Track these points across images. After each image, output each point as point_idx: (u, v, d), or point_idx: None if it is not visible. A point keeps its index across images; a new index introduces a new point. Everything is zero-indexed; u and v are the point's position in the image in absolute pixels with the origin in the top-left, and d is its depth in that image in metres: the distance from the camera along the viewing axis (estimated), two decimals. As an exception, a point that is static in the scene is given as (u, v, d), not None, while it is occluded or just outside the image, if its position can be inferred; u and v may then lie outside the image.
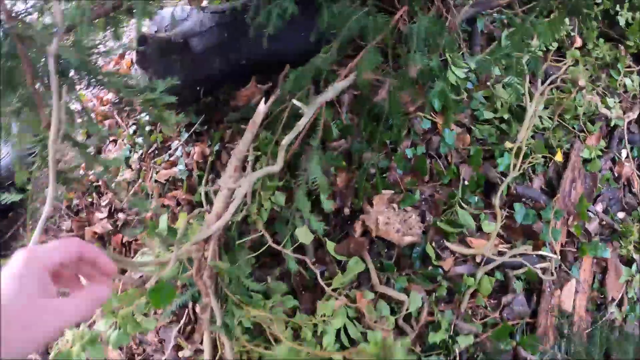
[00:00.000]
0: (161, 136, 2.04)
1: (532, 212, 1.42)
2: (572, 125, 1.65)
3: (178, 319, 1.67)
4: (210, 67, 1.70)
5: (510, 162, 1.40)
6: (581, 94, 1.65)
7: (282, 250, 1.35)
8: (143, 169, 2.02)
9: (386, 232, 1.34)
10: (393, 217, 1.37)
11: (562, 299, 1.46)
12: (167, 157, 1.99)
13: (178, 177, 1.90)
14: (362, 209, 1.41)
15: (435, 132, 1.51)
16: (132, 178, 2.09)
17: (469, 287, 1.36)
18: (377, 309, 1.34)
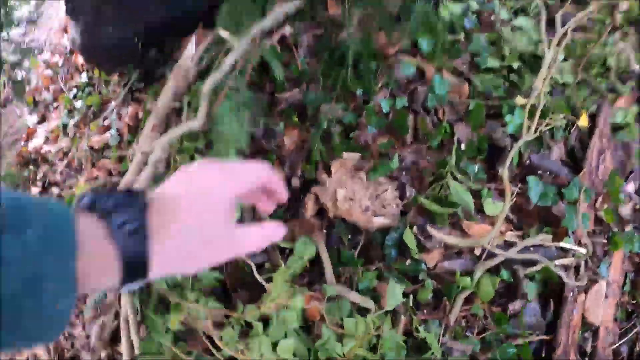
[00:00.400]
0: (99, 98, 1.53)
1: (552, 190, 0.92)
2: (599, 83, 1.13)
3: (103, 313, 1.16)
4: (148, 16, 1.25)
5: (523, 122, 0.89)
6: (610, 43, 1.13)
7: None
8: (77, 135, 1.52)
9: (348, 212, 0.84)
10: (360, 190, 0.86)
11: (588, 307, 0.96)
12: (102, 121, 1.48)
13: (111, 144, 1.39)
14: (316, 179, 0.89)
15: (422, 82, 1.00)
16: (68, 147, 1.58)
17: (463, 290, 0.87)
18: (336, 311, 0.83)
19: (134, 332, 0.96)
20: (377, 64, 1.04)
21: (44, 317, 0.28)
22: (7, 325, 0.26)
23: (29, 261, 0.26)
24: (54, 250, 0.28)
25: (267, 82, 1.09)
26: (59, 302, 0.28)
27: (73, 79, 1.81)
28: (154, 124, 1.03)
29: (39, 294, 0.27)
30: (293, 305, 0.83)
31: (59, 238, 0.28)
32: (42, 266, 0.27)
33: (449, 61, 1.08)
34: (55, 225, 0.28)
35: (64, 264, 0.28)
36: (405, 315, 0.88)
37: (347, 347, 0.79)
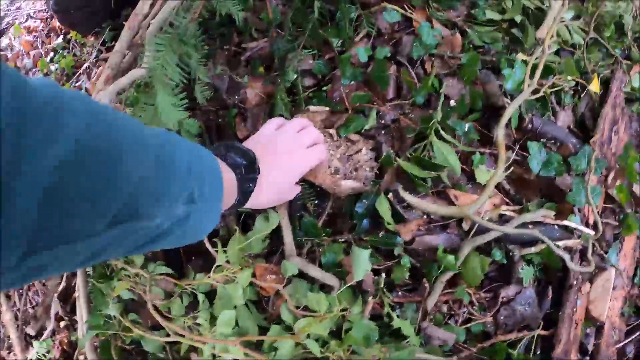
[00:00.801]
0: (72, 60, 1.41)
1: (557, 158, 0.77)
2: (613, 48, 0.98)
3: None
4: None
5: (525, 78, 0.74)
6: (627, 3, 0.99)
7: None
8: None
9: (313, 173, 0.69)
10: (328, 149, 0.71)
11: (593, 299, 0.80)
12: (74, 82, 1.36)
13: None
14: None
15: (409, 31, 0.85)
16: None
17: (446, 270, 0.71)
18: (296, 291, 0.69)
19: (83, 298, 0.82)
20: (358, 13, 0.90)
21: (200, 233, 0.47)
22: (181, 239, 0.42)
23: (205, 203, 0.41)
24: (215, 197, 0.44)
25: (235, 32, 0.95)
26: (210, 226, 0.46)
27: (51, 43, 1.71)
28: (107, 75, 0.89)
29: (204, 218, 0.43)
30: (240, 279, 0.69)
31: (217, 187, 0.45)
32: (209, 206, 0.43)
33: (441, 11, 0.94)
34: (215, 183, 0.44)
35: (218, 204, 0.45)
36: (375, 296, 0.73)
37: (302, 324, 0.64)
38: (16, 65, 1.87)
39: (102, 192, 0.27)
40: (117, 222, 0.29)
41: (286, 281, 0.73)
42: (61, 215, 0.25)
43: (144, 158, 0.31)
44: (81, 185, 0.25)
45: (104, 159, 0.27)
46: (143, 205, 0.31)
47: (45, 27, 1.78)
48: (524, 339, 0.79)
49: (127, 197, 0.29)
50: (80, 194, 0.25)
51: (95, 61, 1.39)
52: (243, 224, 0.81)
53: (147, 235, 0.35)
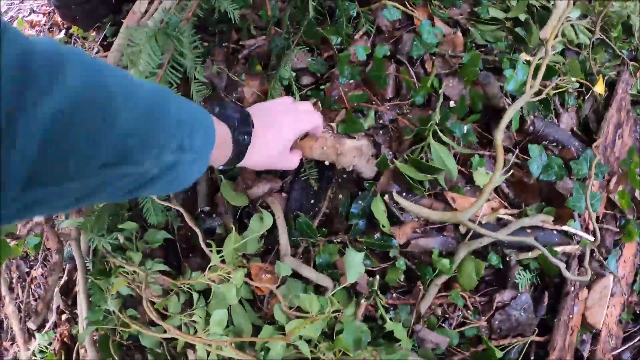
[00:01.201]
0: None
1: (558, 162, 0.75)
2: (620, 49, 0.96)
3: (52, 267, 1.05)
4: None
5: (527, 80, 0.73)
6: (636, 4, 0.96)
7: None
8: None
9: (310, 145, 0.69)
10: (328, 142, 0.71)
11: (590, 306, 0.80)
12: None
13: None
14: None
15: (410, 29, 0.83)
16: None
17: (440, 274, 0.71)
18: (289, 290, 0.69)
19: (82, 293, 0.84)
20: (358, 11, 0.89)
21: (188, 180, 0.45)
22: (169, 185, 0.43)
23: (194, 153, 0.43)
24: (205, 149, 0.45)
25: (234, 30, 0.94)
26: (198, 174, 0.46)
27: (53, 37, 1.71)
28: None
29: (194, 168, 0.44)
30: (234, 279, 0.69)
31: (209, 138, 0.46)
32: (199, 157, 0.44)
33: (443, 9, 0.92)
34: (207, 131, 0.46)
35: (207, 155, 0.46)
36: (368, 298, 0.73)
37: (293, 325, 0.64)
38: None
39: (94, 139, 0.30)
40: (108, 165, 0.32)
41: (281, 281, 0.73)
42: (57, 157, 0.28)
43: (135, 108, 0.34)
44: (76, 131, 0.29)
45: (97, 108, 0.30)
46: (132, 152, 0.34)
47: (48, 22, 1.79)
48: (518, 344, 0.78)
49: (118, 143, 0.32)
50: (75, 139, 0.29)
51: (97, 55, 1.38)
52: (240, 223, 0.82)
53: (137, 181, 0.37)
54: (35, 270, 1.04)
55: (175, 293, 0.76)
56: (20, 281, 1.08)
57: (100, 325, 0.80)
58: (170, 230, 0.84)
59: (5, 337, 1.08)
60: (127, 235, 0.78)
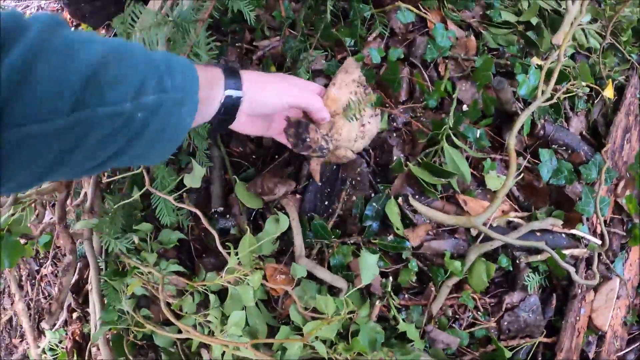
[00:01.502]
0: None
1: (568, 167, 0.77)
2: (629, 53, 0.97)
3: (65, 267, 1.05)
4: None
5: (539, 84, 0.74)
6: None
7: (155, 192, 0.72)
8: None
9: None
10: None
11: (596, 308, 0.81)
12: None
13: None
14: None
15: (423, 32, 0.84)
16: None
17: (451, 275, 0.72)
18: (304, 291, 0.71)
19: (95, 293, 0.84)
20: (371, 12, 0.89)
21: (179, 128, 0.43)
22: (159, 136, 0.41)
23: (177, 92, 0.41)
24: (189, 87, 0.43)
25: (247, 30, 0.95)
26: (188, 119, 0.44)
27: None
28: None
29: (181, 111, 0.43)
30: (251, 281, 0.70)
31: (191, 80, 0.44)
32: (183, 96, 0.42)
33: (456, 12, 0.93)
34: (189, 71, 0.44)
35: (193, 96, 0.44)
36: (382, 299, 0.75)
37: (310, 327, 0.65)
38: None
39: (56, 79, 0.33)
40: (80, 106, 0.34)
41: (296, 282, 0.75)
42: (25, 96, 0.31)
43: (94, 51, 0.35)
44: (38, 73, 0.32)
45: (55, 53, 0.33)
46: (105, 90, 0.35)
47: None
48: (526, 345, 0.80)
49: (80, 81, 0.34)
50: (38, 80, 0.32)
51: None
52: (254, 224, 0.83)
53: (124, 132, 0.37)
54: (45, 268, 1.05)
55: (190, 293, 0.77)
56: (30, 279, 1.08)
57: (114, 325, 0.81)
58: (183, 231, 0.85)
59: (14, 334, 1.09)
60: (141, 236, 0.78)
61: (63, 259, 1.09)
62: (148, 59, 0.40)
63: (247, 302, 0.68)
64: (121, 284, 0.76)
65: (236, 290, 0.70)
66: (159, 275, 0.72)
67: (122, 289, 0.76)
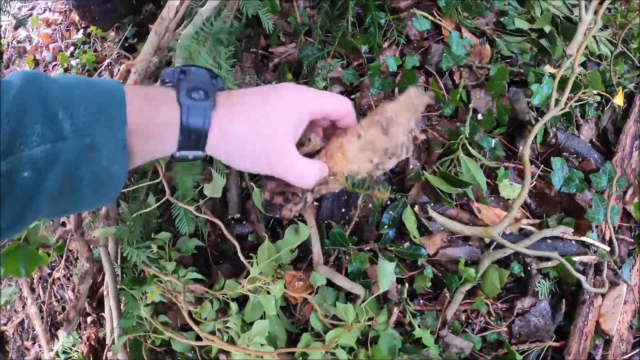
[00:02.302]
0: (93, 56, 1.42)
1: (579, 175, 0.79)
2: (639, 61, 1.00)
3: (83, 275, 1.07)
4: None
5: (552, 94, 0.76)
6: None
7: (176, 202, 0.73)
8: None
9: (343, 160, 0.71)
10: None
11: (603, 313, 0.85)
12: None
13: None
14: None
15: (438, 40, 0.86)
16: None
17: (465, 282, 0.75)
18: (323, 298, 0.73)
19: (112, 300, 0.86)
20: (387, 19, 0.91)
21: (100, 181, 0.32)
22: (69, 192, 0.31)
23: (83, 132, 0.30)
24: (103, 121, 0.31)
25: (262, 35, 0.96)
26: (112, 167, 0.32)
27: (70, 37, 1.70)
28: (135, 80, 0.91)
29: (95, 160, 0.31)
30: (273, 290, 0.72)
31: (109, 110, 0.31)
32: (95, 136, 0.31)
33: (470, 19, 0.94)
34: (104, 99, 0.31)
35: (114, 133, 0.31)
36: (398, 306, 0.78)
37: (332, 335, 0.68)
38: (35, 58, 1.86)
39: None
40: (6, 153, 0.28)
41: (314, 289, 0.77)
42: None
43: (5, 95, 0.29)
44: None
45: None
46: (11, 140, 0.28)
47: (65, 21, 1.76)
48: (536, 349, 0.84)
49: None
50: None
51: (117, 57, 1.38)
52: (271, 231, 0.85)
53: (15, 197, 0.29)
54: (57, 271, 1.06)
55: (209, 301, 0.79)
56: (42, 282, 1.09)
57: (133, 332, 0.83)
58: (200, 237, 0.87)
59: (26, 337, 1.11)
60: (159, 244, 0.80)
61: (76, 262, 1.11)
62: (46, 97, 0.30)
63: (269, 311, 0.70)
64: (139, 292, 0.78)
65: (257, 298, 0.72)
66: (179, 284, 0.74)
67: (141, 297, 0.78)
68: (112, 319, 0.86)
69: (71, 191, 0.31)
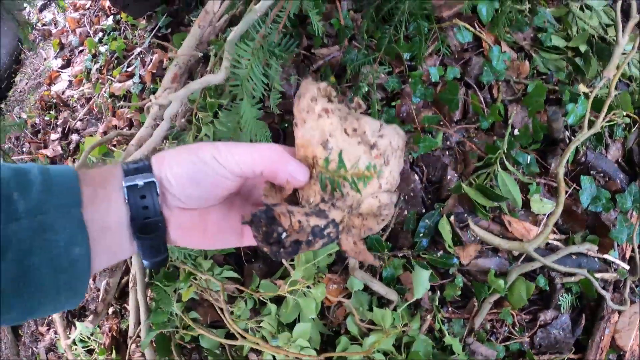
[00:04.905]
0: (123, 44, 1.43)
1: (606, 195, 0.86)
2: (665, 83, 1.07)
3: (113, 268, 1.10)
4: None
5: (586, 114, 0.82)
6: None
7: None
8: (100, 81, 1.43)
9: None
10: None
11: (619, 330, 0.92)
12: (125, 67, 1.38)
13: (133, 92, 1.32)
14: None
15: (479, 52, 0.92)
16: (91, 93, 1.50)
17: (493, 292, 0.81)
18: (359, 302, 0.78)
19: (140, 294, 0.89)
20: (430, 27, 0.95)
21: (61, 268, 0.29)
22: (26, 284, 0.28)
23: (36, 213, 0.29)
24: (57, 199, 0.30)
25: (304, 35, 0.99)
26: (73, 250, 0.29)
27: (99, 22, 1.71)
28: (175, 73, 0.93)
29: (51, 243, 0.29)
30: (313, 295, 0.77)
31: (62, 190, 0.30)
32: (49, 215, 0.29)
33: (509, 33, 1.00)
34: (57, 180, 0.30)
35: (68, 211, 0.30)
36: (430, 313, 0.83)
37: (371, 340, 0.73)
38: (61, 42, 1.84)
39: None
40: None
41: (348, 292, 0.82)
42: None
43: None
44: None
45: None
46: None
47: (94, 6, 1.75)
48: None
49: None
50: None
51: (149, 46, 1.39)
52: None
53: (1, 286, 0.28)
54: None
55: (244, 300, 0.83)
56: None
57: (164, 327, 0.86)
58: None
59: (41, 322, 1.12)
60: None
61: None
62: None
63: (308, 314, 0.75)
64: (172, 288, 0.82)
65: (296, 301, 0.76)
66: (217, 282, 0.78)
67: (173, 293, 0.81)
68: (137, 312, 0.89)
69: (28, 283, 0.28)
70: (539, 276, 0.90)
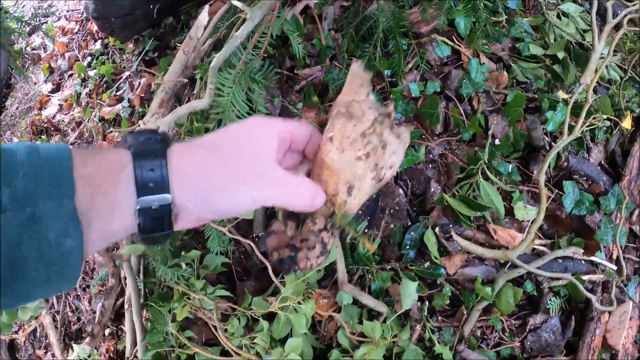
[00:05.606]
0: (112, 68, 1.47)
1: (589, 198, 0.89)
2: (646, 84, 1.10)
3: (108, 290, 1.15)
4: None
5: (566, 120, 0.85)
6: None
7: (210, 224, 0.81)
8: (90, 105, 1.48)
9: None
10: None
11: (610, 329, 0.95)
12: (115, 91, 1.43)
13: (122, 116, 1.36)
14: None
15: (458, 65, 0.95)
16: (81, 117, 1.55)
17: (481, 299, 0.84)
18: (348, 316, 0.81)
19: (136, 315, 0.93)
20: (409, 43, 0.99)
21: (51, 261, 0.28)
22: (14, 277, 0.27)
23: (23, 204, 0.27)
24: (47, 189, 0.28)
25: (287, 56, 1.03)
26: (64, 242, 0.28)
27: (88, 47, 1.76)
28: (161, 99, 0.98)
29: (40, 235, 0.27)
30: (304, 310, 0.81)
31: (53, 176, 0.28)
32: (38, 207, 0.27)
33: (487, 45, 1.03)
34: (48, 165, 0.28)
35: (59, 203, 0.28)
36: (419, 323, 0.86)
37: (361, 352, 0.76)
38: (50, 67, 1.90)
39: None
40: None
41: (338, 306, 0.85)
42: None
43: None
44: None
45: None
46: None
47: (82, 30, 1.81)
48: (548, 362, 0.93)
49: None
50: None
51: (137, 70, 1.44)
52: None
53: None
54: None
55: (237, 318, 0.87)
56: (57, 293, 1.14)
57: (160, 347, 0.90)
58: (226, 255, 0.94)
59: (38, 345, 1.16)
60: (187, 261, 0.87)
61: (92, 273, 1.17)
62: None
63: (300, 329, 0.78)
64: (167, 309, 0.85)
65: (287, 316, 0.80)
66: (210, 302, 0.82)
67: (167, 313, 0.85)
68: (133, 332, 0.93)
69: (18, 274, 0.27)
70: (526, 281, 0.93)
